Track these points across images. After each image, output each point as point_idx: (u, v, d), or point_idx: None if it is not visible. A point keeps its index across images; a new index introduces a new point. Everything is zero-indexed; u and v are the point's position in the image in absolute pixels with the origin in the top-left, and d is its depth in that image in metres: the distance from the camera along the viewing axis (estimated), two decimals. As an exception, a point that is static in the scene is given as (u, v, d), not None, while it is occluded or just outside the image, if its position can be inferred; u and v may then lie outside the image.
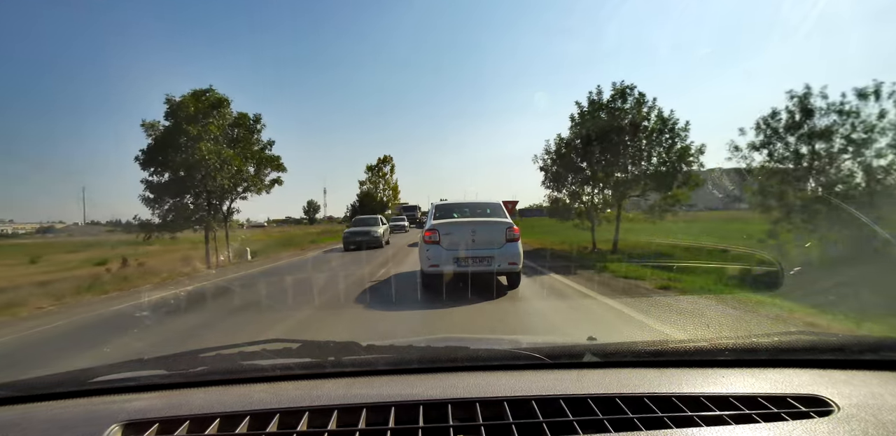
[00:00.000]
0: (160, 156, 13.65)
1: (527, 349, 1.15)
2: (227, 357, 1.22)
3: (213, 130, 13.96)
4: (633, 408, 0.89)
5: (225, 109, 14.88)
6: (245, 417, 0.88)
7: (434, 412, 0.89)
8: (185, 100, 13.99)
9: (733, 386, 0.99)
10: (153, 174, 13.89)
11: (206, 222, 14.52)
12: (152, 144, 13.73)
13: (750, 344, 1.19)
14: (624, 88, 12.89)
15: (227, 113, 15.04)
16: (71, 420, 0.91)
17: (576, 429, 0.82)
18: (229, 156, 14.11)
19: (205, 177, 13.80)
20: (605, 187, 13.51)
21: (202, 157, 13.25)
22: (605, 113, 13.04)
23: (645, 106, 12.71)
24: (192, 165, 13.44)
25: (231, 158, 14.16)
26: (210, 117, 14.28)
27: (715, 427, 0.82)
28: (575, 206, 14.53)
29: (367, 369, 1.13)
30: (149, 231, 14.15)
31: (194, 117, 13.79)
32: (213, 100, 14.57)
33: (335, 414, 0.89)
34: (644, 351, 1.15)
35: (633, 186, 12.92)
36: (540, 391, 0.95)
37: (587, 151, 13.12)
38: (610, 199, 13.59)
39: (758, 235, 10.12)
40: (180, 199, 14.18)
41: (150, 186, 13.87)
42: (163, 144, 13.66)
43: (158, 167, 13.82)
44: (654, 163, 12.62)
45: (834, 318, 4.62)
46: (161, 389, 1.06)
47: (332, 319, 5.48)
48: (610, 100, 13.08)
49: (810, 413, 0.86)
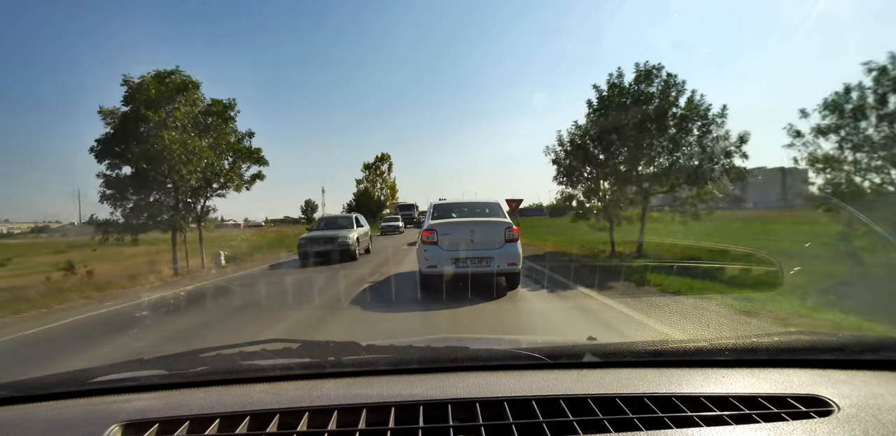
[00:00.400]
0: (118, 146, 12.04)
1: (527, 349, 1.15)
2: (227, 357, 1.22)
3: (178, 116, 12.31)
4: (633, 408, 0.89)
5: (193, 93, 13.05)
6: (245, 417, 0.88)
7: (434, 412, 0.89)
8: (145, 82, 12.16)
9: (733, 386, 0.99)
10: (111, 168, 12.33)
11: (174, 223, 12.88)
12: (111, 134, 12.18)
13: (750, 344, 1.19)
14: (650, 69, 11.21)
15: (198, 98, 13.26)
16: (71, 420, 0.91)
17: (576, 429, 0.82)
18: (197, 147, 12.39)
19: (169, 171, 12.14)
20: (628, 182, 11.84)
21: (164, 147, 11.59)
22: (627, 98, 11.40)
23: (673, 89, 11.02)
24: (152, 156, 11.75)
25: (200, 150, 12.44)
26: (176, 102, 12.55)
27: (715, 427, 0.82)
28: (590, 203, 12.99)
29: (367, 369, 1.13)
30: (106, 233, 12.54)
31: (156, 102, 12.10)
32: (180, 83, 12.71)
33: (335, 414, 0.89)
34: (644, 351, 1.15)
35: (660, 181, 11.31)
36: (540, 391, 0.95)
37: (607, 140, 11.62)
38: (633, 195, 12.00)
39: (822, 237, 8.74)
40: (144, 196, 12.58)
41: (107, 181, 12.29)
42: (121, 132, 12.06)
43: (116, 160, 12.24)
44: (685, 153, 10.99)
45: None
46: (161, 389, 1.06)
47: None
48: (633, 83, 11.42)
49: (810, 413, 0.86)
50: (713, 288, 6.55)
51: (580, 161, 12.43)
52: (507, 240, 6.52)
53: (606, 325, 4.71)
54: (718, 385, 1.00)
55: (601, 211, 12.66)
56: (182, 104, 12.72)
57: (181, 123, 12.45)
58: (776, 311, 5.07)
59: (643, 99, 11.09)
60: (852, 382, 1.00)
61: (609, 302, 5.83)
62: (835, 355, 1.14)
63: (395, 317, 5.46)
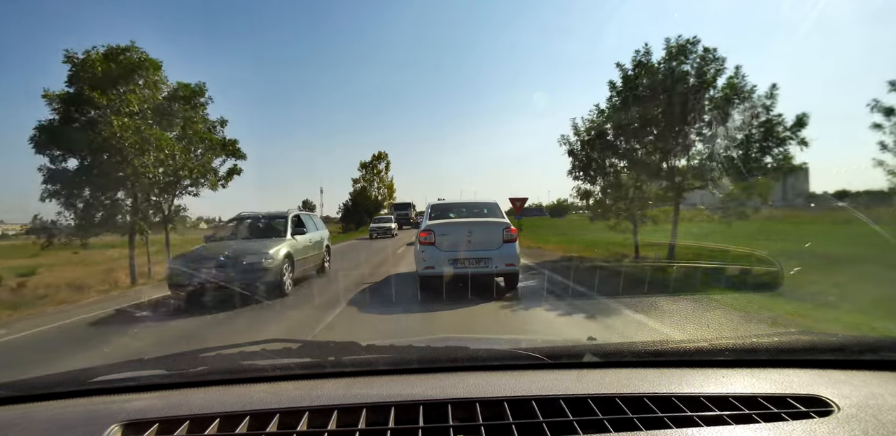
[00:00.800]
0: (60, 135, 10.39)
1: (527, 349, 1.15)
2: (227, 357, 1.22)
3: (132, 100, 10.66)
4: (633, 408, 0.89)
5: (153, 75, 11.36)
6: (245, 417, 0.88)
7: (434, 412, 0.89)
8: (89, 58, 10.43)
9: (733, 386, 0.99)
10: (55, 160, 10.57)
11: (132, 224, 11.19)
12: (55, 121, 10.53)
13: (750, 344, 1.19)
14: (684, 44, 9.62)
15: (159, 81, 11.64)
16: (71, 420, 0.91)
17: (576, 429, 0.82)
18: (154, 135, 10.68)
19: (121, 163, 10.42)
20: (657, 176, 10.35)
21: (112, 134, 9.89)
22: (658, 77, 9.80)
23: (713, 65, 9.43)
24: (100, 146, 10.11)
25: (158, 139, 10.72)
26: (130, 84, 10.95)
27: (715, 427, 0.82)
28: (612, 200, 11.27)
29: (367, 369, 1.13)
30: (51, 236, 11.00)
31: (105, 82, 10.47)
32: (136, 61, 10.89)
33: (335, 414, 0.89)
34: (644, 351, 1.16)
35: (702, 174, 9.69)
36: (540, 391, 0.95)
37: (633, 127, 10.16)
38: (664, 190, 10.43)
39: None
40: (98, 193, 10.85)
41: (49, 175, 10.45)
42: (65, 118, 10.49)
43: (57, 150, 10.51)
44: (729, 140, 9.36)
45: None
46: (161, 389, 1.06)
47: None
48: (664, 60, 9.83)
49: (810, 413, 0.86)
50: (798, 311, 5.14)
51: (602, 151, 10.82)
52: (505, 240, 6.48)
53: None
54: (718, 385, 1.00)
55: (623, 210, 11.01)
56: (139, 86, 11.14)
57: (138, 108, 10.85)
58: None
59: (677, 79, 9.49)
60: (852, 382, 1.00)
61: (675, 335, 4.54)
62: (835, 355, 1.14)
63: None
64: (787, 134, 8.80)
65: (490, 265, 6.37)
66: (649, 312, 5.28)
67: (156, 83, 11.58)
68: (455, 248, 6.43)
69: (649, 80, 9.81)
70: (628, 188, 10.82)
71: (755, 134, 9.00)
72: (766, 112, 8.91)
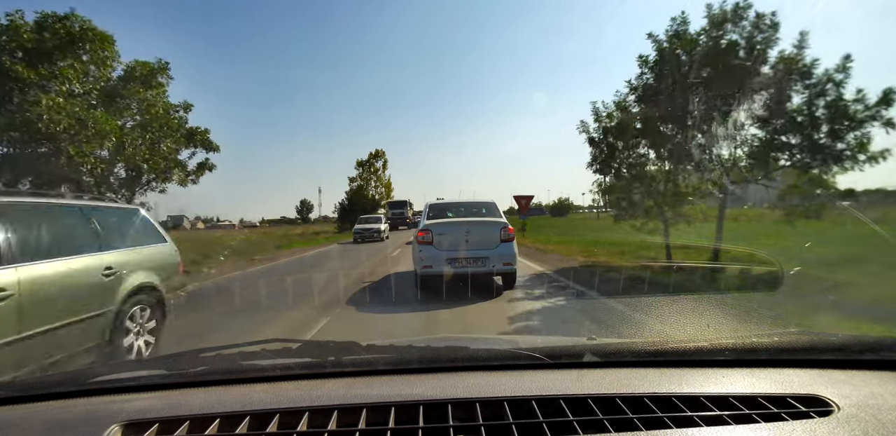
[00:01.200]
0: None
1: (527, 349, 1.15)
2: (227, 357, 1.22)
3: (67, 74, 9.01)
4: (633, 408, 0.89)
5: (101, 50, 9.73)
6: (245, 417, 0.88)
7: (434, 412, 0.89)
8: (14, 25, 8.84)
9: (733, 386, 0.99)
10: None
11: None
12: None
13: (750, 344, 1.19)
14: (735, 7, 8.15)
15: (109, 57, 9.96)
16: (71, 420, 0.92)
17: (576, 429, 0.82)
18: (92, 118, 8.99)
19: (54, 152, 8.94)
20: (699, 168, 8.84)
21: (38, 116, 8.29)
22: (697, 49, 8.35)
23: (770, 30, 7.99)
24: (25, 130, 8.53)
25: (98, 123, 9.02)
26: (69, 58, 9.25)
27: (715, 427, 0.82)
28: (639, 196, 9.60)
29: (367, 369, 1.13)
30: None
31: (36, 54, 8.92)
32: (78, 32, 9.24)
33: (335, 414, 0.89)
34: (644, 351, 1.16)
35: (762, 162, 8.16)
36: (540, 391, 0.96)
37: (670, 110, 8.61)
38: (706, 183, 8.87)
39: None
40: (30, 187, 9.09)
41: None
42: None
43: None
44: (794, 122, 7.84)
45: None
46: (161, 389, 1.07)
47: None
48: (707, 28, 8.37)
49: (810, 413, 0.87)
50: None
51: (631, 137, 9.30)
52: (503, 240, 6.52)
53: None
54: (718, 385, 1.00)
55: (654, 206, 9.36)
56: (82, 62, 9.56)
57: (81, 88, 9.38)
58: None
59: (724, 50, 8.11)
60: (852, 382, 1.00)
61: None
62: (835, 355, 1.14)
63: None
64: (867, 114, 7.41)
65: (488, 264, 6.41)
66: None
67: (104, 60, 9.93)
68: (453, 247, 6.46)
69: (687, 55, 8.45)
70: (661, 182, 9.35)
71: (821, 117, 7.69)
72: (837, 89, 7.61)
